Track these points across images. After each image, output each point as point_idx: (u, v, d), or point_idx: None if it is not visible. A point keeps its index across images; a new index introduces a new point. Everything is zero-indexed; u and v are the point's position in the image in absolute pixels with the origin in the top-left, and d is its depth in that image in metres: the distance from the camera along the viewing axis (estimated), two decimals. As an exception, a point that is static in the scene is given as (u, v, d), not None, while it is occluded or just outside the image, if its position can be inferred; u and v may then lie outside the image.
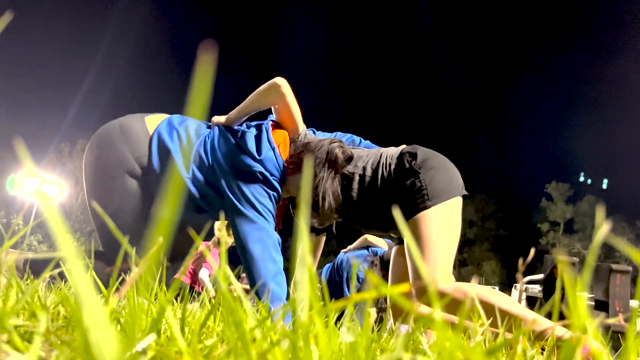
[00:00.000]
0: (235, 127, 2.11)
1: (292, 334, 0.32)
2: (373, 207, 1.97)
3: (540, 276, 6.38)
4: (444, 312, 1.78)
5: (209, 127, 2.16)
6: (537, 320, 1.56)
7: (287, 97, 2.01)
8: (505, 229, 46.21)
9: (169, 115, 2.17)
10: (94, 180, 2.05)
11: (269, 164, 1.95)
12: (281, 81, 2.01)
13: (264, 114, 2.20)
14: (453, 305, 1.69)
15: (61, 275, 1.80)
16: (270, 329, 0.41)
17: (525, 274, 7.04)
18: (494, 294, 1.68)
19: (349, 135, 2.40)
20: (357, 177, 1.95)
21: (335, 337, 0.63)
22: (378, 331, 0.94)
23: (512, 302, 1.66)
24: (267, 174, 1.93)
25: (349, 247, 4.13)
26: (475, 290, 1.69)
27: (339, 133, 2.40)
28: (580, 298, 0.36)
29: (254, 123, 2.15)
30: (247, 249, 1.82)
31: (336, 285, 3.94)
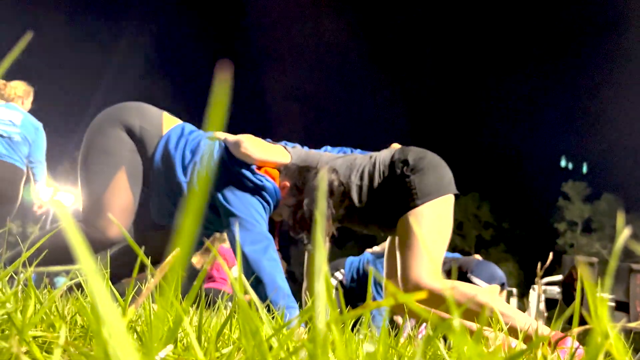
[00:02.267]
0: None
1: (309, 342, 0.32)
2: (371, 212, 2.05)
3: (558, 277, 6.30)
4: (431, 308, 1.80)
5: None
6: (527, 322, 1.58)
7: (252, 155, 2.00)
8: (521, 230, 45.74)
9: (184, 123, 2.23)
10: (91, 131, 2.12)
11: (269, 189, 2.02)
12: (243, 142, 2.01)
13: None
14: (442, 303, 1.72)
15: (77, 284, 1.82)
16: (287, 337, 0.41)
17: (543, 276, 6.96)
18: (481, 293, 1.72)
19: (338, 148, 2.42)
20: (354, 187, 2.02)
21: (353, 343, 0.63)
22: (395, 336, 0.93)
23: (500, 302, 1.69)
24: (264, 193, 2.01)
25: (375, 248, 4.10)
26: (464, 288, 1.74)
27: (329, 147, 2.42)
28: (602, 301, 0.35)
29: None
30: (245, 252, 1.86)
31: (360, 283, 3.94)
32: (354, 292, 3.96)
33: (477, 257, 4.13)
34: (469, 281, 3.54)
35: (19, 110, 4.00)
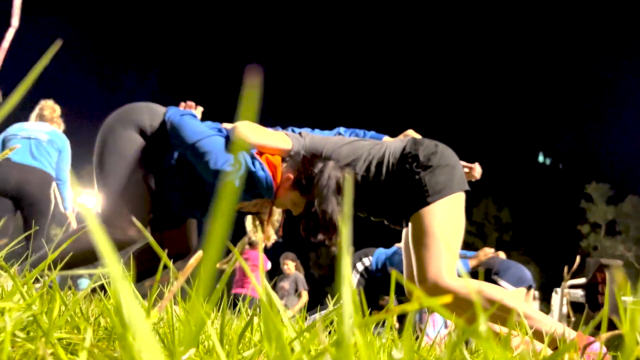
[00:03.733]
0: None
1: (333, 346, 0.31)
2: (377, 205, 2.02)
3: (582, 280, 6.18)
4: (450, 309, 1.77)
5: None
6: (550, 322, 1.56)
7: (248, 140, 1.96)
8: (543, 232, 44.98)
9: None
10: (104, 132, 2.19)
11: (260, 177, 1.96)
12: (238, 127, 2.00)
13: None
14: (460, 302, 1.70)
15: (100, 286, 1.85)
16: (309, 341, 0.41)
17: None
18: (502, 293, 1.70)
19: (351, 130, 2.37)
20: (360, 179, 1.96)
21: (374, 345, 0.62)
22: (417, 339, 0.92)
23: (520, 302, 1.67)
24: (250, 174, 1.96)
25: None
26: (483, 287, 1.71)
27: (342, 128, 2.37)
28: (634, 305, 0.34)
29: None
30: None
31: (384, 276, 3.97)
32: (379, 283, 4.01)
33: (502, 254, 4.06)
34: (495, 283, 3.48)
35: (48, 125, 4.19)
